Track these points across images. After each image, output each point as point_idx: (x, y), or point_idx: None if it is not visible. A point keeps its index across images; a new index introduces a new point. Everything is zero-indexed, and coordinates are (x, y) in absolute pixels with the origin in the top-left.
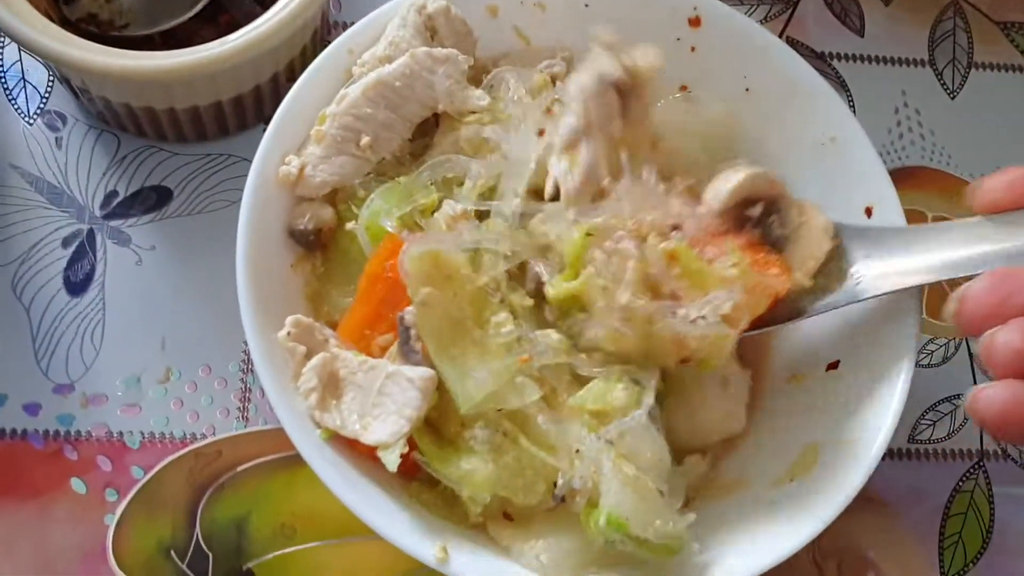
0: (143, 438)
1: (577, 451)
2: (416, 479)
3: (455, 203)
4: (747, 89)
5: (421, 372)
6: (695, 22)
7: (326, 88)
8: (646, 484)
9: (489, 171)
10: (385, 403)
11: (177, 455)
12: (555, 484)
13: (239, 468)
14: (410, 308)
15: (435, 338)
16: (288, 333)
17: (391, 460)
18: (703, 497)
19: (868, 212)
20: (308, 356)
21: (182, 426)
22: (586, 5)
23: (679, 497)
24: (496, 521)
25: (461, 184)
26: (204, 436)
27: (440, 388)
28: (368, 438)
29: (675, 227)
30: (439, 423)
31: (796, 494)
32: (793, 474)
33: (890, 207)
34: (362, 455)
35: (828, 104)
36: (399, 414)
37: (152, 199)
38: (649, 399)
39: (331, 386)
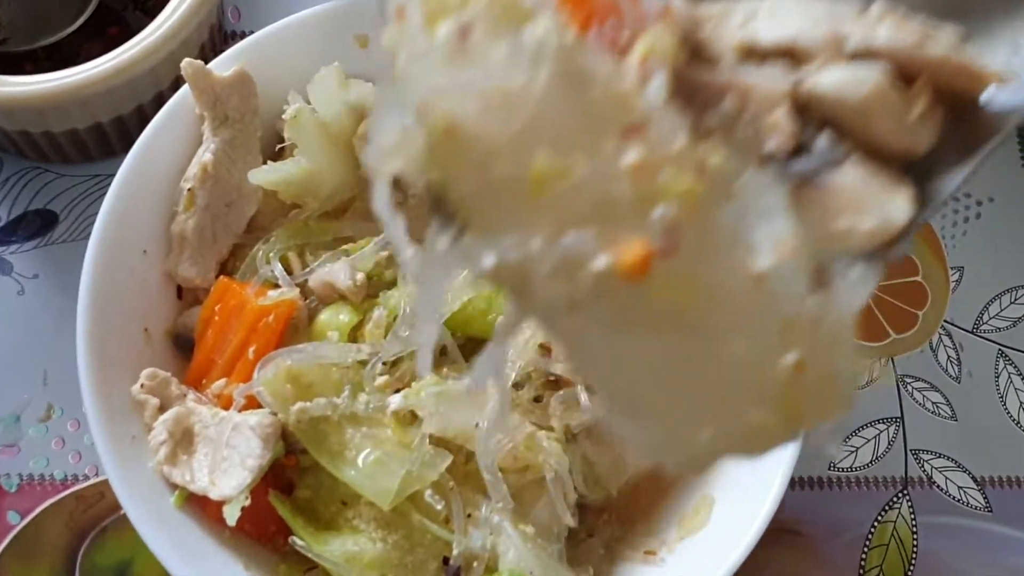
0: (21, 480)
1: (469, 515)
2: (285, 562)
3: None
4: None
5: (262, 419)
6: None
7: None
8: (544, 545)
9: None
10: (232, 456)
11: (57, 498)
12: (445, 560)
13: (122, 511)
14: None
15: (325, 450)
16: (142, 385)
17: (231, 514)
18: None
19: None
20: (162, 410)
21: (63, 467)
22: None
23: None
24: None
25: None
26: (87, 477)
27: (313, 469)
28: (215, 493)
29: None
30: (314, 504)
31: (687, 554)
32: (684, 531)
33: None
34: (223, 527)
35: None
36: (242, 465)
37: (36, 224)
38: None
39: (184, 441)
